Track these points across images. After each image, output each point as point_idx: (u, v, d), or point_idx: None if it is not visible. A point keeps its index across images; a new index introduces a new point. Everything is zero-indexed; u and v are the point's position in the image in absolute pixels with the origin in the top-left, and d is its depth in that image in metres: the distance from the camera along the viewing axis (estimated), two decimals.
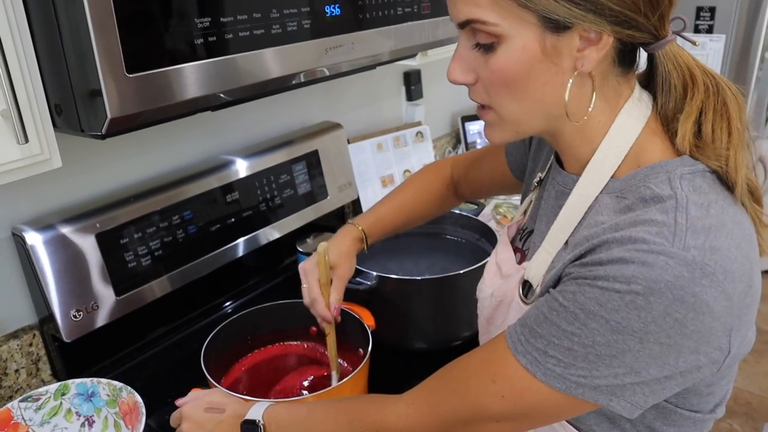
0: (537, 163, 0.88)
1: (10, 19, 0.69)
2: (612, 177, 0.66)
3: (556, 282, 0.65)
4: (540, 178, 0.82)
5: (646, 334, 0.56)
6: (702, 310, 0.55)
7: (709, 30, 1.97)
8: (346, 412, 0.76)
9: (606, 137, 0.67)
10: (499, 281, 0.80)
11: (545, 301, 0.63)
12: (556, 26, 0.59)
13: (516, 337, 0.64)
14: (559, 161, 0.75)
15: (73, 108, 0.74)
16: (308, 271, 0.97)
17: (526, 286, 0.72)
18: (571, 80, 0.63)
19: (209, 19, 0.78)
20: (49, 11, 0.71)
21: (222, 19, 0.79)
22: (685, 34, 0.66)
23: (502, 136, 0.69)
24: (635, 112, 0.67)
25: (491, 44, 0.62)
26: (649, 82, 0.70)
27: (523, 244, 0.81)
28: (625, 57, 0.65)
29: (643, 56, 0.68)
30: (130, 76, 0.71)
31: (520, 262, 0.79)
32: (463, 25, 0.63)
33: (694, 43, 0.70)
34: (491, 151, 1.05)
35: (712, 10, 1.96)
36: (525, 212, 0.85)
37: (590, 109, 0.65)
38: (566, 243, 0.68)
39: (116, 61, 0.70)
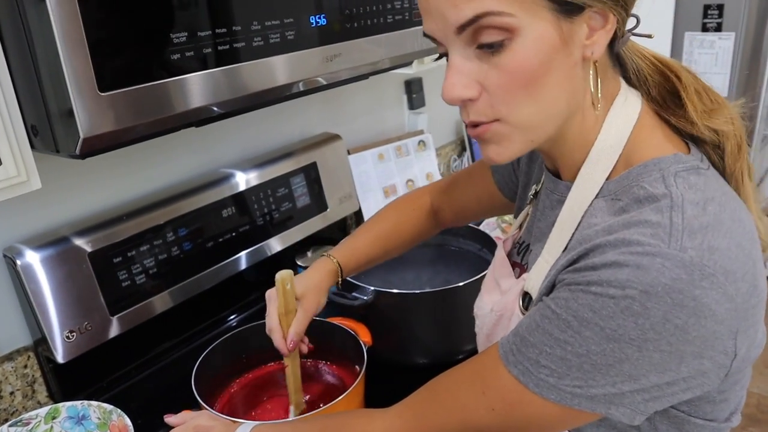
0: (530, 176, 0.85)
1: None
2: (607, 179, 0.64)
3: (550, 289, 0.62)
4: (535, 190, 0.79)
5: (644, 341, 0.53)
6: (704, 314, 0.52)
7: (718, 28, 1.92)
8: (332, 428, 0.73)
9: (598, 138, 0.64)
10: (497, 297, 0.78)
11: (538, 309, 0.60)
12: (570, 9, 0.56)
13: (508, 347, 0.61)
14: (552, 171, 0.72)
15: (48, 128, 0.73)
16: (270, 298, 0.93)
17: (527, 297, 0.69)
18: (591, 72, 0.60)
19: (185, 33, 0.76)
20: (21, 30, 0.69)
21: (199, 33, 0.78)
22: (637, 31, 0.65)
23: (511, 152, 0.62)
24: (626, 109, 0.64)
25: (501, 42, 0.55)
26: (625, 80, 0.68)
27: (522, 258, 0.78)
28: (614, 48, 0.63)
29: None
30: (103, 94, 0.70)
31: (518, 277, 0.77)
32: (465, 26, 0.56)
33: (649, 36, 0.67)
34: (474, 172, 1.02)
35: (720, 7, 1.91)
36: (521, 226, 0.82)
37: (599, 98, 0.63)
38: (565, 249, 0.65)
39: (87, 79, 0.68)
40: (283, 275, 0.89)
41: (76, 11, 0.66)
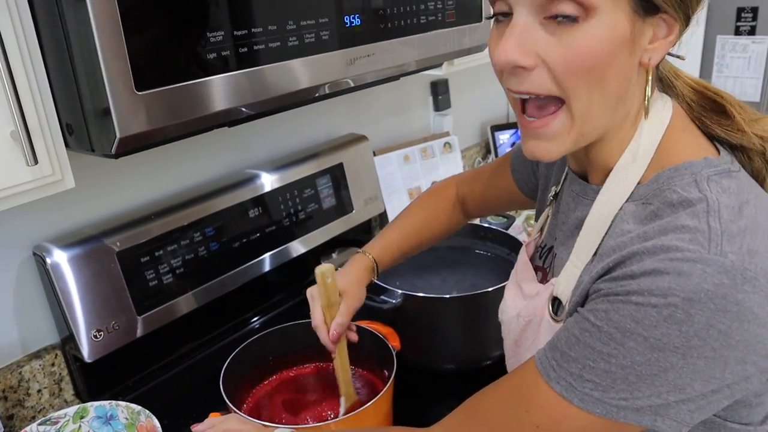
0: (549, 178, 0.84)
1: (20, 38, 0.68)
2: (639, 183, 0.63)
3: (584, 298, 0.61)
4: (555, 192, 0.78)
5: (689, 349, 0.52)
6: (747, 318, 0.52)
7: (752, 32, 1.88)
8: None
9: (631, 142, 0.63)
10: (522, 302, 0.76)
11: (575, 322, 0.58)
12: (648, 8, 0.56)
13: (547, 363, 0.60)
14: (577, 173, 0.71)
15: (83, 127, 0.73)
16: (313, 296, 0.92)
17: (556, 302, 0.68)
18: (650, 78, 0.60)
19: (222, 33, 0.75)
20: (59, 29, 0.69)
21: (236, 32, 0.77)
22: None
23: (558, 150, 0.61)
24: (659, 114, 0.63)
25: (575, 17, 0.54)
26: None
27: (544, 261, 0.77)
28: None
29: None
30: (140, 93, 0.69)
31: (542, 281, 0.75)
32: None
33: (682, 58, 0.66)
34: (497, 168, 1.02)
35: (754, 10, 1.87)
36: (542, 229, 0.81)
37: (648, 111, 0.63)
38: (595, 254, 0.64)
39: (125, 78, 0.67)
40: (323, 269, 0.89)
41: (115, 9, 0.65)
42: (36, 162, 0.69)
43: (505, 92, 0.63)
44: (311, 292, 0.93)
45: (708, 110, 0.66)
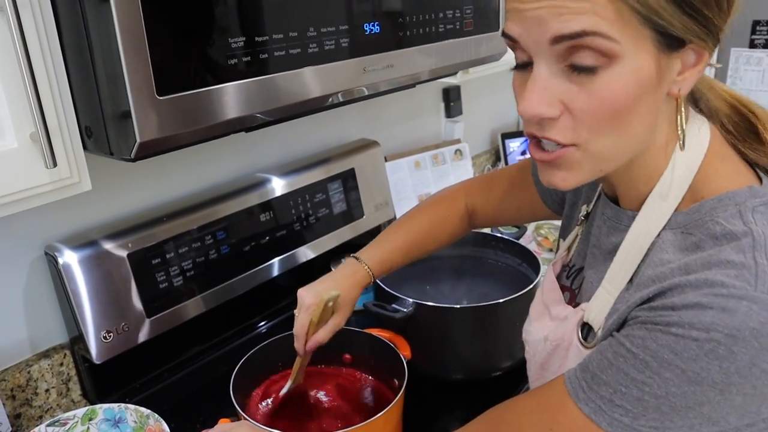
0: (579, 194, 0.82)
1: (42, 40, 0.68)
2: (676, 210, 0.61)
3: (621, 325, 0.60)
4: (586, 211, 0.77)
5: (728, 385, 0.51)
6: None
7: (766, 45, 1.87)
8: None
9: (668, 168, 0.62)
10: (549, 323, 0.75)
11: (609, 346, 0.58)
12: (672, 44, 0.54)
13: (577, 383, 0.59)
14: (609, 196, 0.70)
15: (102, 131, 0.72)
16: (304, 305, 0.91)
17: (586, 328, 0.67)
18: (681, 108, 0.59)
19: (244, 38, 0.75)
20: (81, 32, 0.69)
21: (257, 39, 0.76)
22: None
23: (577, 179, 0.60)
24: (697, 139, 0.61)
25: (594, 67, 0.52)
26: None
27: (572, 282, 0.76)
28: None
29: None
30: (161, 98, 0.69)
31: (569, 302, 0.74)
32: (564, 39, 0.52)
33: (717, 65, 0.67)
34: (515, 179, 0.98)
35: None
36: (569, 248, 0.80)
37: (683, 136, 0.61)
38: (630, 281, 0.63)
39: (147, 83, 0.67)
40: (332, 296, 0.89)
41: (139, 13, 0.65)
42: (55, 164, 0.68)
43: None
44: (304, 301, 0.91)
45: (742, 131, 0.64)
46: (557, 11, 0.51)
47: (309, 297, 0.92)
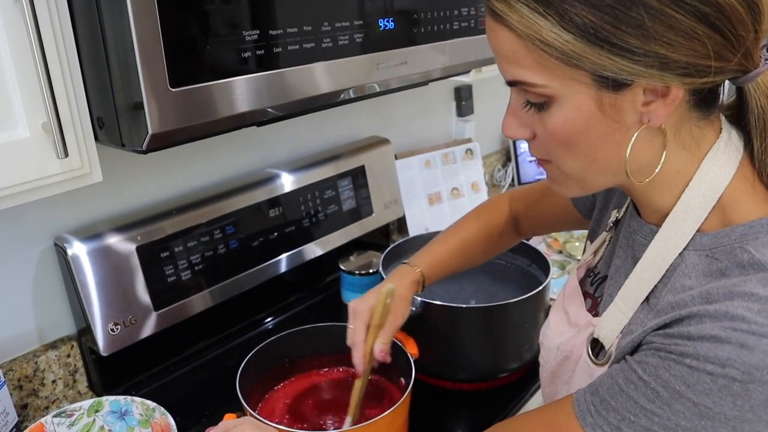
0: (610, 198, 0.79)
1: (56, 30, 0.67)
2: (698, 230, 0.59)
3: (634, 349, 0.59)
4: (617, 218, 0.74)
5: (740, 422, 0.50)
6: None
7: None
8: None
9: (689, 187, 0.59)
10: (566, 329, 0.74)
11: (621, 371, 0.57)
12: (614, 84, 0.52)
13: (585, 406, 0.58)
14: (635, 206, 0.68)
15: (114, 122, 0.72)
16: (358, 313, 0.89)
17: (597, 344, 0.66)
18: (634, 136, 0.56)
19: (257, 32, 0.74)
20: (95, 23, 0.69)
21: (271, 32, 0.76)
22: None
23: (567, 191, 0.63)
24: (723, 157, 0.59)
25: (542, 104, 0.56)
26: (739, 116, 0.60)
27: (595, 289, 0.74)
28: (704, 100, 0.57)
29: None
30: (174, 90, 0.68)
31: (590, 309, 0.73)
32: (512, 84, 0.58)
33: None
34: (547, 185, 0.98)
35: None
36: (595, 252, 0.78)
37: (660, 165, 0.58)
38: (646, 301, 0.61)
39: (160, 75, 0.67)
40: (389, 289, 0.88)
41: (154, 4, 0.65)
42: (66, 155, 0.68)
43: None
44: (355, 309, 0.89)
45: None
46: (499, 60, 0.57)
47: (359, 304, 0.90)
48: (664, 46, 0.50)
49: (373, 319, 0.88)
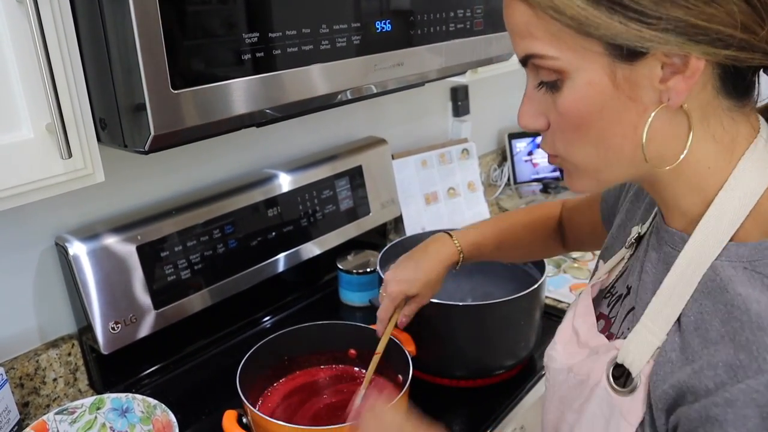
0: (633, 215, 0.73)
1: (59, 32, 0.69)
2: (732, 239, 0.53)
3: (682, 396, 0.51)
4: (639, 234, 0.68)
5: None
6: None
7: None
8: None
9: (723, 189, 0.53)
10: (576, 350, 0.67)
11: None
12: (628, 54, 0.49)
13: None
14: (663, 216, 0.62)
15: (117, 123, 0.73)
16: (389, 293, 0.94)
17: (620, 370, 0.58)
18: (651, 116, 0.51)
19: (257, 34, 0.76)
20: (98, 25, 0.70)
21: (271, 35, 0.77)
22: None
23: (583, 185, 0.58)
24: (764, 158, 0.53)
25: (555, 82, 0.53)
26: None
27: (610, 310, 0.68)
28: (734, 84, 0.52)
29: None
30: (175, 92, 0.70)
31: (602, 330, 0.67)
32: (524, 62, 0.55)
33: None
34: (594, 195, 0.91)
35: None
36: (610, 271, 0.72)
37: (685, 153, 0.53)
38: (678, 321, 0.54)
39: (162, 76, 0.68)
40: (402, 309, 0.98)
41: (156, 7, 0.66)
42: (70, 155, 0.69)
43: None
44: (388, 285, 0.95)
45: None
46: (512, 38, 0.55)
47: (392, 284, 0.94)
48: (681, 8, 0.47)
49: (391, 321, 0.96)
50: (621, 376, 0.58)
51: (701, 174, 0.54)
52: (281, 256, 1.30)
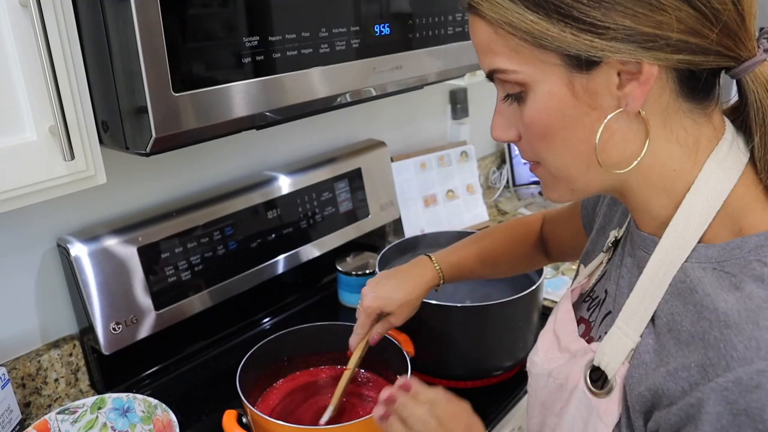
0: (610, 219, 0.75)
1: (62, 36, 0.70)
2: (701, 241, 0.54)
3: (657, 397, 0.52)
4: (615, 238, 0.69)
5: None
6: None
7: None
8: None
9: (690, 191, 0.54)
10: (557, 355, 0.68)
11: None
12: (584, 63, 0.51)
13: None
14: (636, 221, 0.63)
15: (119, 125, 0.74)
16: (367, 310, 0.93)
17: (597, 373, 0.59)
18: (604, 121, 0.53)
19: (257, 38, 0.77)
20: (100, 29, 0.71)
21: (271, 38, 0.78)
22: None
23: (558, 195, 0.60)
24: (729, 159, 0.54)
25: (519, 94, 0.55)
26: (742, 118, 0.56)
27: (591, 314, 0.69)
28: (692, 87, 0.53)
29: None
30: (177, 95, 0.71)
31: (583, 335, 0.68)
32: (490, 76, 0.57)
33: None
34: (573, 205, 0.93)
35: None
36: (590, 276, 0.73)
37: (642, 155, 0.54)
38: (652, 322, 0.55)
39: (163, 80, 0.69)
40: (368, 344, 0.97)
41: (158, 11, 0.67)
42: (73, 157, 0.70)
43: None
44: (365, 298, 0.93)
45: None
46: (478, 54, 0.57)
47: (369, 299, 0.93)
48: (629, 17, 0.48)
49: (364, 339, 0.95)
50: (599, 379, 0.59)
51: (667, 177, 0.56)
52: (281, 257, 1.31)
